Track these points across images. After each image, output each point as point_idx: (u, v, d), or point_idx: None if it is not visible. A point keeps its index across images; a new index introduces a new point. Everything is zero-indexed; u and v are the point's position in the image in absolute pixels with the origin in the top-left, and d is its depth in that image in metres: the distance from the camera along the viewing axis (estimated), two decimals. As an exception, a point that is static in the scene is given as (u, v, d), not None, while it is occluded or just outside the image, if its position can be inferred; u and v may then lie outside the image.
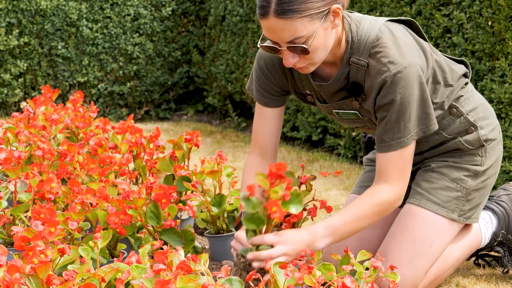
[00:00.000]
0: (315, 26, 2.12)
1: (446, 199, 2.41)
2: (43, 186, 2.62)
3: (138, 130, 3.38)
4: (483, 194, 2.48)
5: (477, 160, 2.45)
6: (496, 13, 3.72)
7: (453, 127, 2.43)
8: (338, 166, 4.67)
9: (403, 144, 2.23)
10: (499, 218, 2.64)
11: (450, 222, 2.42)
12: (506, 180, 3.68)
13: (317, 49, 2.16)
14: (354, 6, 4.71)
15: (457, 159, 2.45)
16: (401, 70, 2.18)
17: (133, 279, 1.92)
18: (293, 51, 2.16)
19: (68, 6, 6.45)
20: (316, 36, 2.13)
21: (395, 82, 2.18)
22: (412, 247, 2.37)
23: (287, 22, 2.10)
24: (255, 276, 1.90)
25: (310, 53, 2.16)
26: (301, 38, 2.12)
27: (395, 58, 2.19)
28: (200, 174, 2.83)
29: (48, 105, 4.10)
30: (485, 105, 2.50)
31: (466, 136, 2.44)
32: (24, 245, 2.03)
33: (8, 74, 6.42)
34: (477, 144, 2.44)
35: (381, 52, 2.21)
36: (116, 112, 6.80)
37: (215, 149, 5.34)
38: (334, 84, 2.31)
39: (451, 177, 2.43)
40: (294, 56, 2.17)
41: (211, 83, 6.76)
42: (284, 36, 2.13)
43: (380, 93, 2.21)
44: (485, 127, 2.46)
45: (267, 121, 2.48)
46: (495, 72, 3.76)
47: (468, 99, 2.45)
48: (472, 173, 2.44)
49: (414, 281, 2.36)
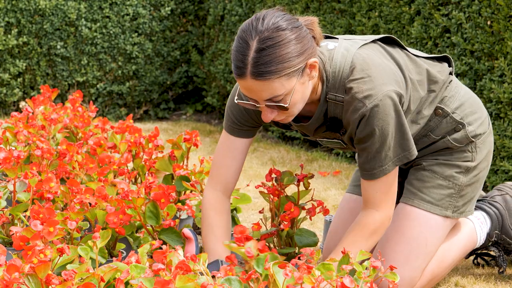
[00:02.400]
0: (293, 83, 2.10)
1: (439, 197, 2.42)
2: (42, 186, 2.62)
3: (137, 129, 3.38)
4: (476, 188, 2.48)
5: (468, 156, 2.45)
6: (495, 12, 3.72)
7: (440, 127, 2.43)
8: (337, 166, 4.67)
9: (385, 171, 2.23)
10: (492, 219, 2.64)
11: (444, 219, 2.42)
12: (505, 180, 3.68)
13: (296, 103, 2.14)
14: (353, 6, 4.72)
15: (448, 157, 2.45)
16: (377, 103, 2.16)
17: (132, 278, 1.91)
18: (271, 107, 2.14)
19: (67, 5, 6.45)
20: (294, 93, 2.11)
21: (372, 115, 2.17)
22: (408, 247, 2.37)
23: (265, 83, 2.08)
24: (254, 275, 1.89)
25: (289, 109, 2.14)
26: (280, 96, 2.10)
27: (370, 92, 2.17)
28: (199, 173, 2.83)
29: (47, 105, 4.09)
30: (471, 100, 2.48)
31: (454, 134, 2.43)
32: (23, 244, 2.03)
33: (7, 73, 6.42)
34: (466, 141, 2.44)
35: (355, 88, 2.18)
36: (115, 111, 6.80)
37: (214, 148, 5.33)
38: (314, 122, 2.30)
39: (442, 175, 2.43)
40: (273, 111, 2.15)
41: (210, 83, 6.76)
42: (262, 95, 2.11)
43: (359, 127, 2.20)
44: (473, 123, 2.44)
45: (235, 154, 2.40)
46: (494, 72, 3.76)
47: (453, 97, 2.43)
48: (463, 169, 2.44)
49: (411, 281, 2.37)
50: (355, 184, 2.64)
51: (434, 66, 2.42)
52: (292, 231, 2.44)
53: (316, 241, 2.45)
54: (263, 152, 5.26)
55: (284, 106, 2.11)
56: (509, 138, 3.68)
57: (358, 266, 1.98)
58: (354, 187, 2.63)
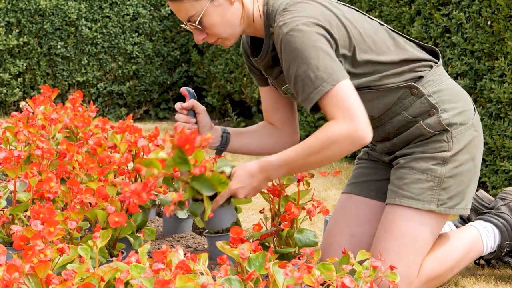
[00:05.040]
0: (203, 5, 2.30)
1: (418, 191, 2.41)
2: (42, 186, 2.62)
3: (137, 129, 3.38)
4: (461, 181, 2.43)
5: (443, 146, 2.42)
6: (496, 12, 3.72)
7: (414, 107, 2.42)
8: (337, 166, 4.68)
9: (321, 91, 2.20)
10: (501, 230, 2.63)
11: (429, 213, 2.40)
12: (506, 180, 3.68)
13: (214, 25, 2.33)
14: (353, 6, 4.72)
15: (424, 148, 2.43)
16: (293, 28, 2.23)
17: (132, 278, 1.91)
18: (195, 28, 2.35)
19: (67, 5, 6.45)
20: (207, 14, 2.31)
21: (290, 40, 2.23)
22: (398, 244, 2.37)
23: (177, 4, 2.32)
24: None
25: (208, 29, 2.34)
26: (194, 17, 2.32)
27: (291, 19, 2.25)
28: (199, 173, 2.82)
29: (47, 105, 4.09)
30: (454, 91, 2.47)
31: (428, 119, 2.41)
32: (23, 244, 2.03)
33: (7, 73, 6.42)
34: (440, 128, 2.41)
35: (279, 17, 2.30)
36: (115, 111, 6.80)
37: (214, 148, 5.34)
38: (265, 57, 2.43)
39: (419, 169, 2.42)
40: (201, 33, 2.35)
41: (210, 83, 6.76)
42: (181, 16, 2.33)
43: (283, 54, 2.27)
44: (448, 110, 2.42)
45: (263, 98, 2.67)
46: (494, 72, 3.76)
47: (432, 82, 2.43)
48: (440, 161, 2.41)
49: (408, 278, 2.36)
50: (350, 183, 2.66)
51: (414, 47, 2.48)
52: (292, 231, 2.44)
53: (316, 241, 2.45)
54: (263, 152, 5.26)
55: (199, 27, 2.32)
56: (509, 138, 3.68)
57: (358, 266, 1.98)
58: (349, 186, 2.64)
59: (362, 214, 2.58)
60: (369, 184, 2.61)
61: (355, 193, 2.61)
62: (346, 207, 2.60)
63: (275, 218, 2.48)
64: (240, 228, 2.11)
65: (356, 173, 2.67)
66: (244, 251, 2.01)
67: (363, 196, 2.60)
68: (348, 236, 2.53)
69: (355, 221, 2.57)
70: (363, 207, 2.58)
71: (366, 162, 2.66)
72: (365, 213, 2.58)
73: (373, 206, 2.58)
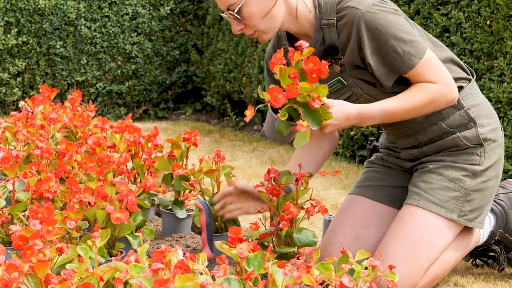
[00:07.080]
0: None
1: (444, 199, 2.40)
2: (41, 185, 2.62)
3: (137, 129, 3.38)
4: (484, 196, 2.45)
5: (475, 159, 2.44)
6: (495, 12, 3.72)
7: (452, 119, 2.43)
8: (336, 165, 4.68)
9: (411, 65, 2.28)
10: (497, 217, 2.63)
11: (449, 222, 2.41)
12: (505, 180, 3.68)
13: (253, 16, 2.29)
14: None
15: (455, 158, 2.44)
16: (371, 4, 2.26)
17: (131, 278, 1.91)
18: (233, 18, 2.31)
19: (67, 5, 6.45)
20: (246, 4, 2.27)
21: (371, 17, 2.25)
22: (410, 245, 2.36)
23: None
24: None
25: (247, 20, 2.30)
26: (233, 6, 2.28)
27: (360, 1, 2.27)
28: (198, 173, 2.82)
29: (46, 104, 4.09)
30: (488, 107, 2.50)
31: (465, 132, 2.43)
32: (22, 244, 2.03)
33: (6, 73, 6.41)
34: (476, 141, 2.43)
35: (345, 2, 2.29)
36: (115, 111, 6.80)
37: (213, 148, 5.34)
38: (315, 53, 2.36)
39: (449, 177, 2.42)
40: (239, 23, 2.32)
41: (210, 82, 6.76)
42: (221, 4, 2.31)
43: (364, 35, 2.27)
44: (485, 126, 2.44)
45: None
46: (494, 72, 3.76)
47: (471, 95, 2.45)
48: (470, 173, 2.43)
49: (412, 280, 2.35)
50: (360, 185, 2.63)
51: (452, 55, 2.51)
52: (291, 231, 2.44)
53: (315, 240, 2.45)
54: (262, 151, 5.26)
55: (237, 17, 2.29)
56: (509, 137, 3.68)
57: (357, 266, 1.98)
58: (359, 188, 2.62)
59: (371, 217, 2.56)
60: (382, 189, 2.60)
61: (366, 196, 2.59)
62: (353, 208, 2.59)
63: (274, 218, 2.48)
64: (238, 227, 2.11)
65: (368, 176, 2.65)
66: (243, 250, 2.01)
67: (374, 199, 2.58)
68: (351, 237, 2.52)
69: (362, 223, 2.55)
70: (373, 210, 2.57)
71: (379, 167, 2.65)
72: (374, 217, 2.56)
73: (383, 211, 2.57)
